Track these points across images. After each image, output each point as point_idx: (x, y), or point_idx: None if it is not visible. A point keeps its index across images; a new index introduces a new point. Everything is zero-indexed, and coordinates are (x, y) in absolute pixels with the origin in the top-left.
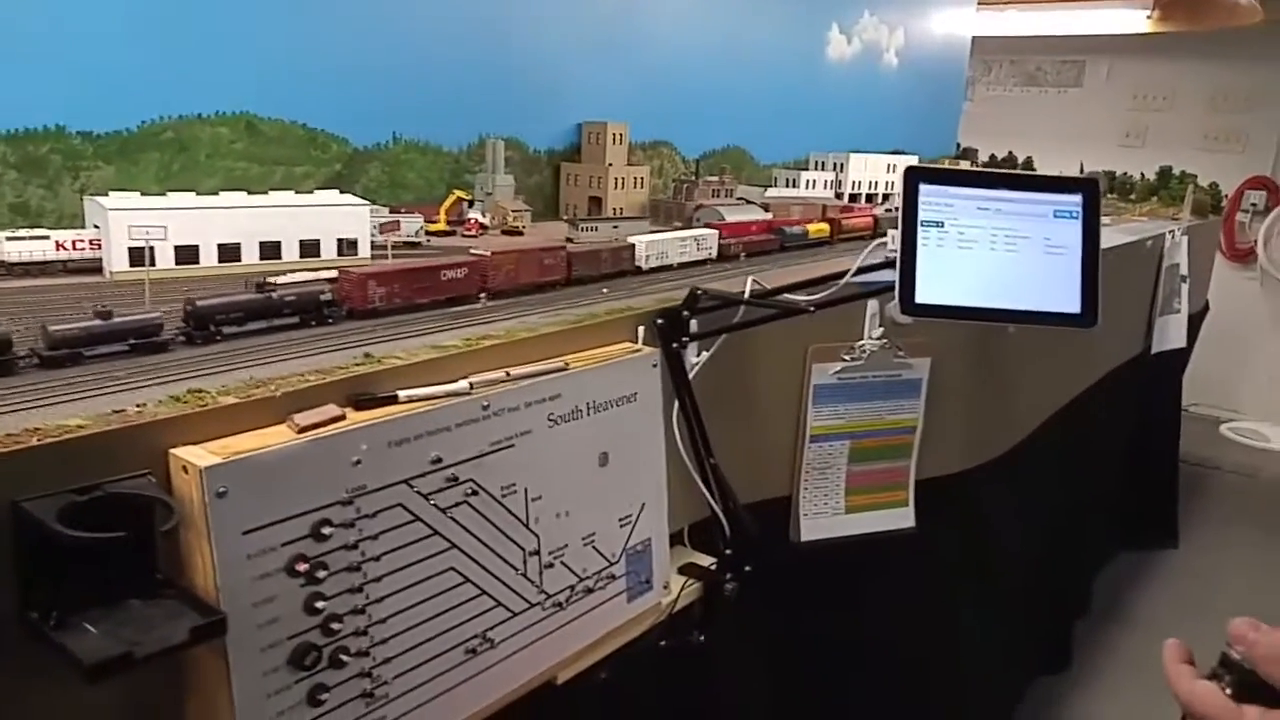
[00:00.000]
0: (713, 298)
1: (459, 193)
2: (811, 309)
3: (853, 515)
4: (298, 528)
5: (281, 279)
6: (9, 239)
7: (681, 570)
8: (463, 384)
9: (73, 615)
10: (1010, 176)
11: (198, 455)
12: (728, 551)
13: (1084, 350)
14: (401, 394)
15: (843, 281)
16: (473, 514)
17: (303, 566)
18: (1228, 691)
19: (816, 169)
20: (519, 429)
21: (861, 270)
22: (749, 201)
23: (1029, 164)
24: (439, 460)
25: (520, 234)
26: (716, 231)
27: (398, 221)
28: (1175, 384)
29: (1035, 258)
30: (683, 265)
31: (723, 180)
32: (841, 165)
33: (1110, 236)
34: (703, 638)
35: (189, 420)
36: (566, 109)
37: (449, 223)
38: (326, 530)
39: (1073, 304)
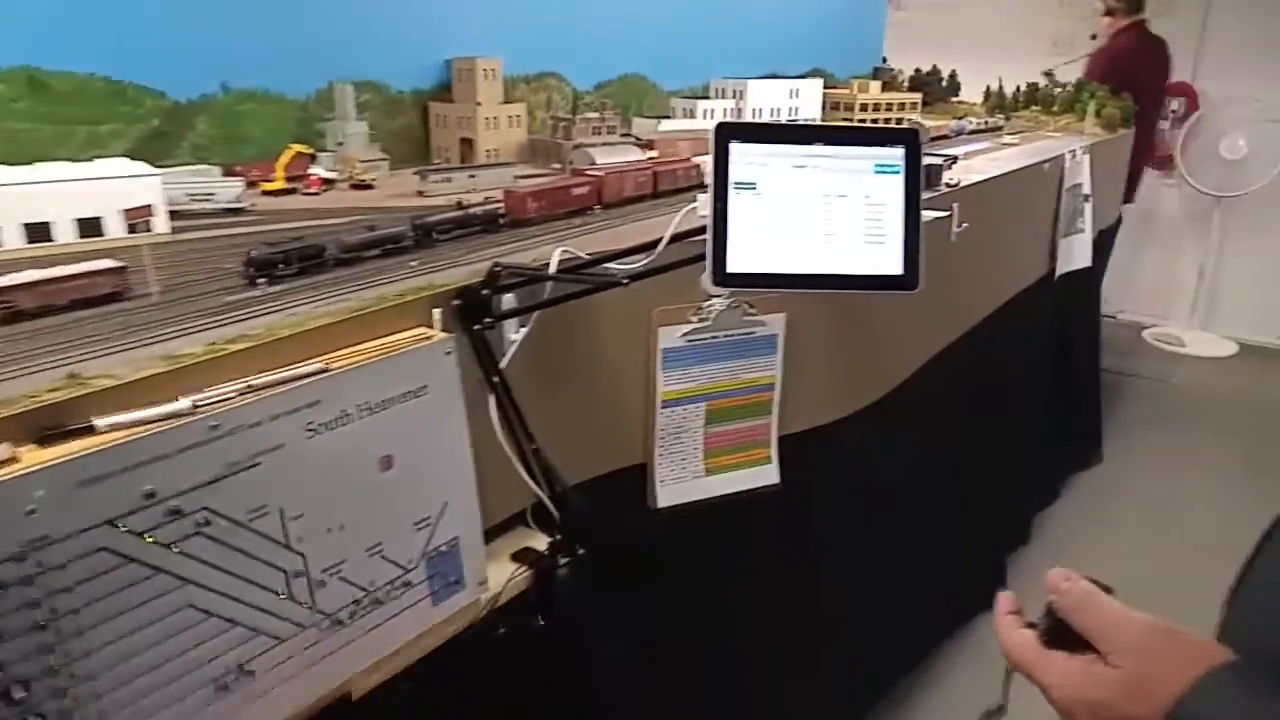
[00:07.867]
0: (514, 273)
1: (297, 147)
2: (625, 281)
3: (712, 477)
4: None
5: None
6: None
7: (514, 557)
8: (183, 404)
9: None
10: (829, 129)
11: None
12: (557, 536)
13: (981, 278)
14: (100, 422)
15: (657, 251)
16: (210, 544)
17: None
18: (1043, 639)
19: (717, 97)
20: (265, 445)
21: (678, 237)
22: (632, 140)
23: (953, 78)
24: (152, 494)
25: (370, 188)
26: None
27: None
28: (1090, 302)
29: (855, 217)
30: None
31: (603, 117)
32: (741, 93)
33: (1010, 160)
34: (543, 622)
35: None
36: (437, 44)
37: (288, 179)
38: None
39: (894, 265)
